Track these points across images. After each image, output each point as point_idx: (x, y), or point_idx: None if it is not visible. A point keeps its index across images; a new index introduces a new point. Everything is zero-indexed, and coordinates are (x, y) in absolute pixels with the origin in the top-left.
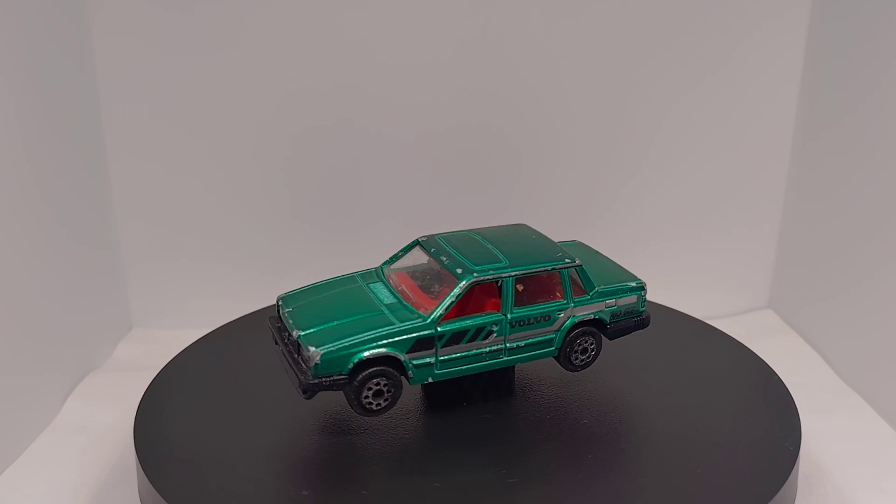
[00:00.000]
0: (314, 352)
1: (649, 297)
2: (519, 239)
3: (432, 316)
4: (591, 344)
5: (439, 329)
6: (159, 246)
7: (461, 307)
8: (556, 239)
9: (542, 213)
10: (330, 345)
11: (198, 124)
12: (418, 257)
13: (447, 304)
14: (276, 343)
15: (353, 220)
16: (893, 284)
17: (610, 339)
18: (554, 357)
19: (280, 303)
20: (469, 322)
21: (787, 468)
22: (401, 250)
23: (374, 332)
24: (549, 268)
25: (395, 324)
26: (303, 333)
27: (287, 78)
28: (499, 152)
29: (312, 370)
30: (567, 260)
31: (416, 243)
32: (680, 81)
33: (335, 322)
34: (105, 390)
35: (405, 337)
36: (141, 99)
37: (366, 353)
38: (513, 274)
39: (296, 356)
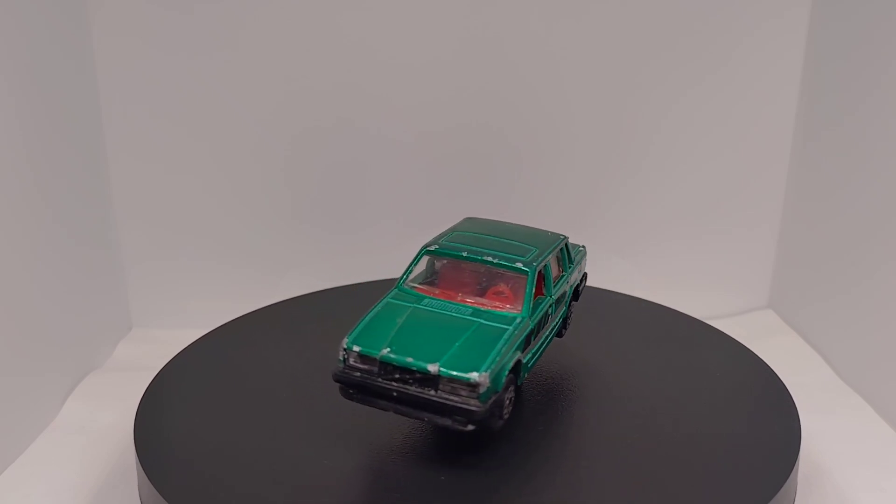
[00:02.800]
0: (480, 376)
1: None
2: (504, 228)
3: (524, 311)
4: (572, 308)
5: (531, 323)
6: (159, 246)
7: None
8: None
9: (542, 213)
10: (486, 366)
11: (198, 124)
12: (422, 266)
13: (529, 297)
14: (361, 393)
15: (353, 220)
16: (893, 284)
17: (576, 301)
18: None
19: (357, 348)
20: (542, 309)
21: (787, 468)
22: (412, 263)
23: (500, 341)
24: (559, 247)
25: (507, 329)
26: (443, 364)
27: (287, 78)
28: (499, 152)
29: (482, 396)
30: (562, 236)
31: (425, 252)
32: (680, 81)
33: (456, 344)
34: (105, 390)
35: (522, 338)
36: (141, 99)
37: (511, 364)
38: (549, 258)
39: (432, 392)
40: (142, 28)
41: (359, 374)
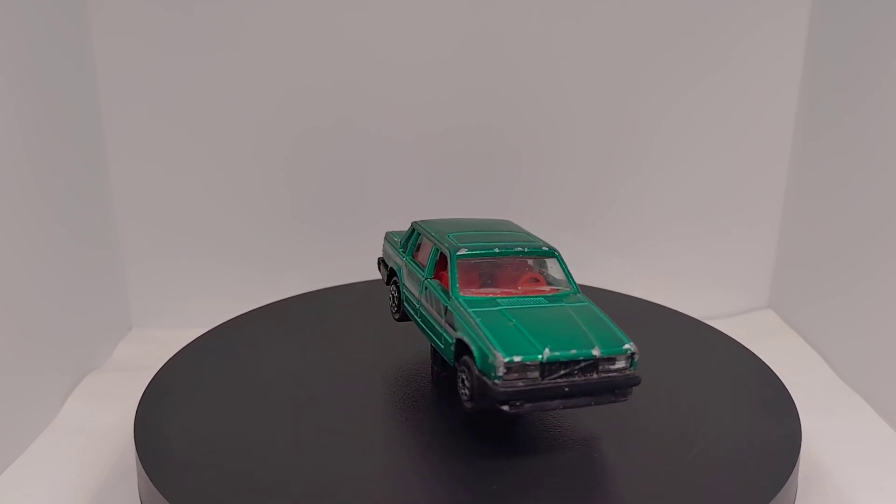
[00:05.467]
0: (633, 346)
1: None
2: (473, 223)
3: (574, 287)
4: None
5: None
6: (159, 246)
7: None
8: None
9: (542, 213)
10: (626, 336)
11: (198, 124)
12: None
13: (569, 274)
14: (529, 401)
15: (353, 220)
16: (893, 284)
17: None
18: None
19: (518, 358)
20: None
21: (787, 468)
22: (452, 273)
23: (602, 314)
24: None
25: (586, 303)
26: (600, 346)
27: (287, 78)
28: (499, 152)
29: (635, 364)
30: (509, 220)
31: (457, 257)
32: (680, 81)
33: (583, 328)
34: (105, 390)
35: None
36: (141, 99)
37: None
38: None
39: (594, 376)
40: (142, 28)
41: (522, 383)
